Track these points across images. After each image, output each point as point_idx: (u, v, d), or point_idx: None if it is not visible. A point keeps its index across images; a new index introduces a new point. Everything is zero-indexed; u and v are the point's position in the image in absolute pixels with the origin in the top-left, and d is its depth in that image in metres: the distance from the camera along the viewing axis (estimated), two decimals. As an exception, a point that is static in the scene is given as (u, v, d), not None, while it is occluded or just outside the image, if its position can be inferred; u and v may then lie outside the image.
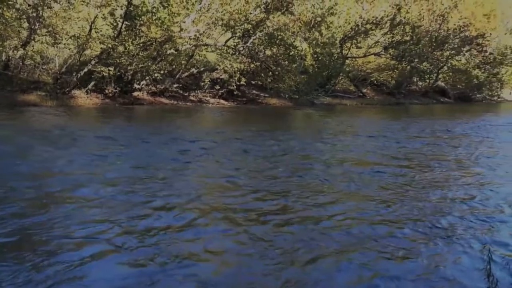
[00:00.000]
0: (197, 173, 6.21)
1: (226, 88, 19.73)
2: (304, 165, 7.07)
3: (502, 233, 4.40)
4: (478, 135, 12.90)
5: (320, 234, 4.07)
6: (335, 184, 6.01)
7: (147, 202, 4.62)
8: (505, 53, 42.39)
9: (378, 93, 31.51)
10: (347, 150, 9.04)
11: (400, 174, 6.86)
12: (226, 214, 4.43)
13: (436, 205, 5.26)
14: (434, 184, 6.33)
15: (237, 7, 18.13)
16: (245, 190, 5.32)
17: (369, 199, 5.32)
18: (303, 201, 5.02)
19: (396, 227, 4.42)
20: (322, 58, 24.55)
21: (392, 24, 26.91)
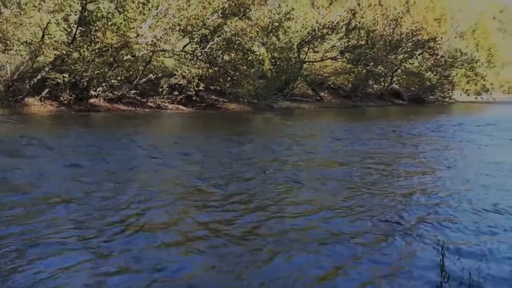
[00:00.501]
0: (155, 179, 6.16)
1: (184, 93, 19.64)
2: (266, 169, 7.12)
3: (455, 228, 4.61)
4: (433, 135, 13.41)
5: (282, 234, 4.14)
6: (298, 185, 6.10)
7: (103, 210, 4.56)
8: (456, 56, 44.04)
9: (335, 96, 32.09)
10: (308, 152, 9.18)
11: (361, 174, 7.05)
12: (191, 219, 4.44)
13: (394, 202, 5.46)
14: (393, 183, 6.55)
15: (194, 12, 18.09)
16: (205, 195, 5.33)
17: (331, 198, 5.47)
18: (266, 203, 5.07)
19: (355, 225, 4.56)
20: (280, 63, 24.81)
21: (348, 28, 27.51)
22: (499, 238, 4.37)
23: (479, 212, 5.25)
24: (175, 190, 5.63)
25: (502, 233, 4.52)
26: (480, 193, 6.16)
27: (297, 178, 6.60)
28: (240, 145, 9.78)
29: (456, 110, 34.33)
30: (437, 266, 3.52)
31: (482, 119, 22.02)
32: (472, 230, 4.60)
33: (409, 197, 5.84)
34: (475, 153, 10.27)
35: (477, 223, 4.81)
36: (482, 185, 6.67)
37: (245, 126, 15.44)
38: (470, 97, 60.75)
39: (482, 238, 4.34)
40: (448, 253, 3.86)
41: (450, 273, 3.42)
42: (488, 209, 5.36)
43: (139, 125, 13.66)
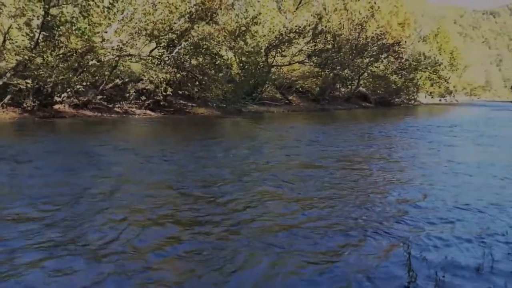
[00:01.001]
0: (122, 186, 6.05)
1: (152, 98, 19.43)
2: (236, 172, 7.10)
3: (423, 226, 4.70)
4: (403, 136, 13.71)
5: (252, 237, 4.12)
6: (269, 188, 6.10)
7: (69, 221, 4.45)
8: (419, 59, 45.09)
9: (303, 100, 32.35)
10: (277, 155, 9.21)
11: (333, 175, 7.14)
12: (160, 225, 4.37)
13: (365, 202, 5.54)
14: (364, 183, 6.66)
15: (161, 17, 17.96)
16: (174, 200, 5.27)
17: (300, 200, 5.50)
18: (235, 207, 5.05)
19: (325, 225, 4.61)
20: (248, 67, 24.85)
21: (314, 33, 27.80)
22: (465, 235, 4.47)
23: (447, 210, 5.37)
24: (143, 197, 5.54)
25: (469, 230, 4.63)
26: (447, 191, 6.31)
27: (267, 181, 6.61)
28: (209, 150, 9.74)
29: (422, 112, 35.09)
30: (405, 265, 3.57)
31: (448, 121, 22.61)
32: (439, 227, 4.69)
33: (380, 197, 5.95)
34: (442, 153, 10.52)
35: (445, 221, 4.92)
36: (450, 184, 6.84)
37: (214, 131, 15.39)
38: (434, 99, 62.36)
39: (449, 236, 4.43)
40: (415, 252, 3.92)
41: (418, 272, 3.47)
42: (455, 206, 5.50)
43: (106, 131, 13.43)
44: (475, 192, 6.34)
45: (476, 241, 4.28)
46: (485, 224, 4.84)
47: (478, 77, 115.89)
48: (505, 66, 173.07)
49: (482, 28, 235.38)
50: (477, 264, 3.69)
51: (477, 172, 7.90)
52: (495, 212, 5.28)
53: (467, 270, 3.60)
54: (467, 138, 14.08)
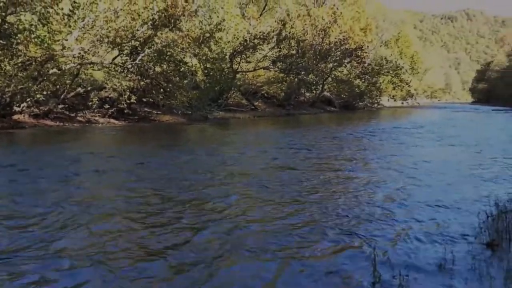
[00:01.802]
0: (85, 196, 5.91)
1: (116, 107, 19.12)
2: (202, 179, 7.05)
3: (389, 226, 4.78)
4: (370, 139, 13.97)
5: (222, 243, 4.10)
6: (236, 195, 6.09)
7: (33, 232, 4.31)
8: (382, 64, 46.06)
9: (269, 105, 32.50)
10: (243, 161, 9.19)
11: (301, 178, 7.20)
12: (125, 235, 4.29)
13: (330, 204, 5.61)
14: (332, 185, 6.74)
15: (123, 24, 17.73)
16: (139, 208, 5.18)
17: (269, 204, 5.53)
18: (205, 213, 5.01)
19: (292, 228, 4.64)
20: (213, 73, 24.80)
21: (279, 39, 28.00)
22: (428, 233, 4.58)
23: (412, 208, 5.50)
24: (108, 205, 5.43)
25: (432, 228, 4.74)
26: (413, 191, 6.47)
27: (234, 188, 6.59)
28: (175, 157, 9.64)
29: (386, 115, 35.82)
30: (370, 265, 3.61)
31: (413, 123, 23.16)
32: (404, 226, 4.79)
33: (347, 198, 6.05)
34: (410, 154, 10.81)
35: (409, 220, 5.02)
36: (415, 183, 7.02)
37: (179, 138, 15.26)
38: (397, 102, 63.78)
39: (413, 234, 4.52)
40: (380, 251, 3.99)
41: (382, 271, 3.52)
42: (420, 205, 5.64)
43: (68, 140, 13.12)
44: (439, 191, 6.53)
45: (438, 239, 4.39)
46: (447, 221, 4.97)
47: (438, 80, 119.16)
48: (463, 69, 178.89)
49: (441, 32, 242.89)
50: (439, 262, 3.78)
51: (442, 172, 8.14)
52: (456, 210, 5.45)
53: (430, 268, 3.68)
54: (432, 139, 14.50)
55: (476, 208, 5.46)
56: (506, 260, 3.86)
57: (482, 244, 4.26)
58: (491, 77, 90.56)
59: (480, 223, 4.79)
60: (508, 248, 4.17)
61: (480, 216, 5.00)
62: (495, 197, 5.82)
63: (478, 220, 4.90)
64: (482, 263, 3.80)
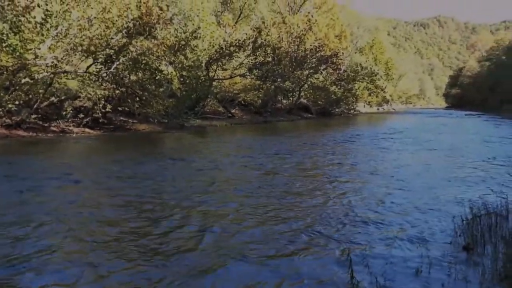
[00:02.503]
0: (58, 207, 5.80)
1: (91, 116, 18.83)
2: (180, 188, 6.98)
3: (365, 231, 4.82)
4: (349, 145, 14.07)
5: (200, 250, 4.06)
6: (214, 200, 6.06)
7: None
8: (357, 70, 46.66)
9: (246, 112, 32.51)
10: (221, 169, 9.15)
11: (281, 185, 7.21)
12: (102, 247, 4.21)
13: (310, 210, 5.65)
14: (309, 193, 6.77)
15: (97, 32, 17.54)
16: (116, 220, 5.10)
17: (247, 210, 5.53)
18: (187, 220, 4.97)
19: (270, 234, 4.69)
20: (189, 81, 24.67)
21: (254, 46, 28.09)
22: (405, 238, 4.63)
23: (390, 214, 5.56)
24: (87, 216, 5.34)
25: (408, 233, 4.79)
26: (391, 196, 6.55)
27: (214, 195, 6.56)
28: (151, 166, 9.54)
29: (362, 121, 36.22)
30: (347, 271, 3.62)
31: (390, 129, 23.47)
32: (382, 232, 4.83)
33: (326, 203, 6.11)
34: (387, 159, 10.95)
35: (388, 225, 5.08)
36: (394, 187, 7.11)
37: (155, 146, 15.13)
38: (373, 108, 64.60)
39: (390, 240, 4.56)
40: (357, 258, 4.00)
41: (360, 278, 3.53)
42: (398, 211, 5.71)
43: (41, 151, 12.88)
44: (416, 195, 6.63)
45: (415, 243, 4.45)
46: (424, 226, 5.03)
47: (412, 86, 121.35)
48: (436, 75, 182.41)
49: (414, 39, 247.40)
50: (416, 266, 3.82)
51: (419, 176, 8.28)
52: (433, 214, 5.53)
53: (407, 274, 3.71)
54: (408, 144, 14.73)
55: (452, 212, 5.55)
56: (481, 264, 3.91)
57: (458, 248, 4.32)
58: (464, 83, 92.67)
59: (456, 227, 4.86)
60: (483, 251, 4.24)
61: (455, 220, 5.07)
62: (469, 201, 5.92)
63: (453, 224, 4.97)
64: (458, 266, 3.84)
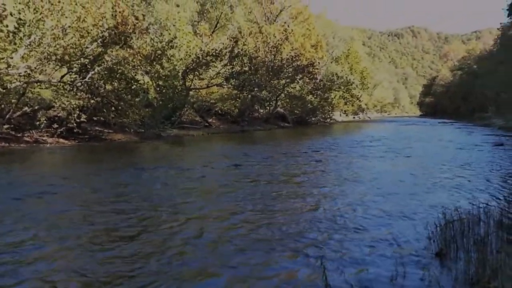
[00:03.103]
0: (28, 220, 5.68)
1: (65, 126, 18.55)
2: (157, 199, 6.92)
3: (338, 240, 4.84)
4: (321, 153, 14.15)
5: (178, 257, 4.02)
6: (192, 209, 6.01)
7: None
8: (333, 79, 47.18)
9: (223, 122, 32.51)
10: (196, 178, 9.10)
11: (260, 193, 7.20)
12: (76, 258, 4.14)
13: (286, 218, 5.66)
14: (287, 200, 6.79)
15: (72, 41, 17.36)
16: (90, 232, 5.02)
17: (224, 219, 5.51)
18: (161, 230, 4.91)
19: (241, 241, 4.66)
20: (165, 91, 24.59)
21: (231, 56, 28.20)
22: (379, 245, 4.67)
23: (365, 221, 5.60)
24: (61, 227, 5.23)
25: (383, 239, 4.83)
26: (366, 203, 6.61)
27: (191, 206, 6.52)
28: (126, 177, 9.44)
29: (338, 129, 36.53)
30: (321, 280, 3.64)
31: (364, 137, 23.75)
32: (357, 239, 4.86)
33: (302, 210, 6.11)
34: (363, 166, 11.07)
35: (362, 232, 5.11)
36: (369, 195, 7.16)
37: (131, 157, 14.97)
38: (349, 117, 65.26)
39: (364, 247, 4.59)
40: (332, 264, 4.03)
41: (333, 284, 3.55)
42: (373, 217, 5.75)
43: (13, 161, 12.63)
44: (392, 202, 6.71)
45: (389, 250, 4.48)
46: (398, 232, 5.09)
47: (387, 94, 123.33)
48: (410, 84, 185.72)
49: (388, 48, 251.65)
50: (390, 274, 3.84)
51: (395, 183, 8.41)
52: (407, 220, 5.60)
53: (381, 281, 3.73)
54: (384, 151, 14.92)
55: (426, 218, 5.63)
56: (454, 269, 3.97)
57: (431, 254, 4.37)
58: (437, 91, 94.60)
59: (429, 233, 4.92)
60: (455, 256, 4.30)
61: (429, 226, 5.14)
62: (442, 207, 6.01)
63: (427, 230, 5.04)
64: (431, 272, 3.89)
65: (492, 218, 5.35)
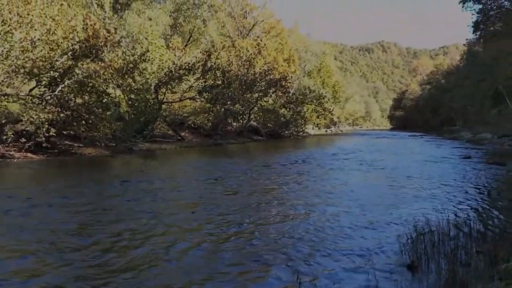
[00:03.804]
0: None
1: (33, 140, 18.12)
2: (126, 215, 6.79)
3: (312, 254, 4.84)
4: (295, 166, 14.22)
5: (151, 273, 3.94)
6: (166, 225, 5.93)
7: None
8: (305, 93, 47.64)
9: (196, 135, 32.34)
10: (171, 194, 9.00)
11: (234, 206, 7.17)
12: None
13: (260, 230, 5.62)
14: (259, 214, 6.75)
15: (41, 54, 17.05)
16: (56, 250, 4.88)
17: (201, 235, 5.44)
18: (138, 244, 4.81)
19: (218, 256, 4.70)
20: (137, 104, 24.34)
21: (204, 69, 28.20)
22: (351, 257, 4.69)
23: (339, 233, 5.63)
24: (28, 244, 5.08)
25: (354, 253, 4.85)
26: (339, 215, 6.65)
27: (162, 220, 6.42)
28: (92, 192, 9.26)
29: (311, 142, 36.81)
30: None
31: (337, 150, 23.99)
32: (330, 252, 4.87)
33: (276, 224, 6.09)
34: (337, 179, 11.19)
35: (336, 245, 5.13)
36: (342, 207, 7.21)
37: (100, 171, 14.71)
38: (321, 130, 65.91)
39: (338, 261, 4.60)
40: (306, 277, 4.02)
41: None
42: (346, 230, 5.79)
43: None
44: (364, 214, 6.79)
45: (362, 263, 4.51)
46: (370, 245, 5.12)
47: (359, 108, 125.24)
48: (381, 98, 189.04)
49: (359, 63, 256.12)
50: (363, 287, 3.86)
51: (367, 196, 8.51)
52: (380, 233, 5.65)
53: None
54: (356, 164, 15.12)
55: (398, 230, 5.69)
56: (425, 281, 4.01)
57: (403, 267, 4.42)
58: (407, 105, 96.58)
59: (401, 246, 4.98)
60: (426, 269, 4.35)
61: (400, 239, 5.19)
62: (414, 219, 6.09)
63: (399, 242, 5.09)
64: (404, 284, 3.92)
65: (461, 230, 5.45)
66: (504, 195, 8.38)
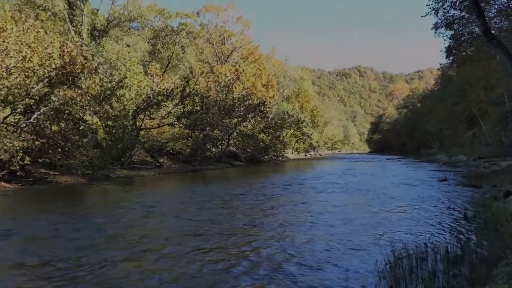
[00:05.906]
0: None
1: (7, 169, 17.74)
2: (103, 245, 6.64)
3: (291, 279, 4.80)
4: (275, 191, 14.15)
5: None
6: (144, 257, 5.81)
7: None
8: (284, 118, 48.06)
9: (175, 161, 32.12)
10: (146, 222, 8.87)
11: (213, 231, 7.05)
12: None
13: (234, 257, 5.53)
14: (238, 238, 6.66)
15: (16, 81, 16.86)
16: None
17: (182, 258, 5.31)
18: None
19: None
20: (115, 131, 24.15)
21: (183, 95, 28.29)
22: (332, 283, 4.67)
23: (318, 257, 5.64)
24: None
25: (336, 279, 4.83)
26: (318, 240, 6.63)
27: (136, 252, 6.31)
28: (65, 223, 9.06)
29: (291, 167, 36.91)
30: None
31: (316, 174, 24.07)
32: (307, 278, 4.84)
33: (254, 251, 6.03)
34: (315, 202, 11.25)
35: (315, 269, 5.10)
36: (321, 232, 7.19)
37: (76, 200, 14.45)
38: (301, 155, 66.28)
39: (318, 286, 4.58)
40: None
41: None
42: (327, 254, 5.77)
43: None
44: (343, 238, 6.80)
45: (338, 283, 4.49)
46: (349, 270, 5.12)
47: (337, 132, 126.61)
48: (359, 121, 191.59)
49: (337, 87, 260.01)
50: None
51: (346, 219, 8.55)
52: (358, 258, 5.67)
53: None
54: (335, 188, 15.19)
55: (376, 255, 5.70)
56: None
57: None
58: (384, 129, 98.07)
59: (379, 270, 4.97)
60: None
61: (378, 264, 5.18)
62: (391, 243, 6.11)
63: (377, 267, 5.08)
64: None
65: (438, 253, 5.47)
66: (480, 218, 8.47)
